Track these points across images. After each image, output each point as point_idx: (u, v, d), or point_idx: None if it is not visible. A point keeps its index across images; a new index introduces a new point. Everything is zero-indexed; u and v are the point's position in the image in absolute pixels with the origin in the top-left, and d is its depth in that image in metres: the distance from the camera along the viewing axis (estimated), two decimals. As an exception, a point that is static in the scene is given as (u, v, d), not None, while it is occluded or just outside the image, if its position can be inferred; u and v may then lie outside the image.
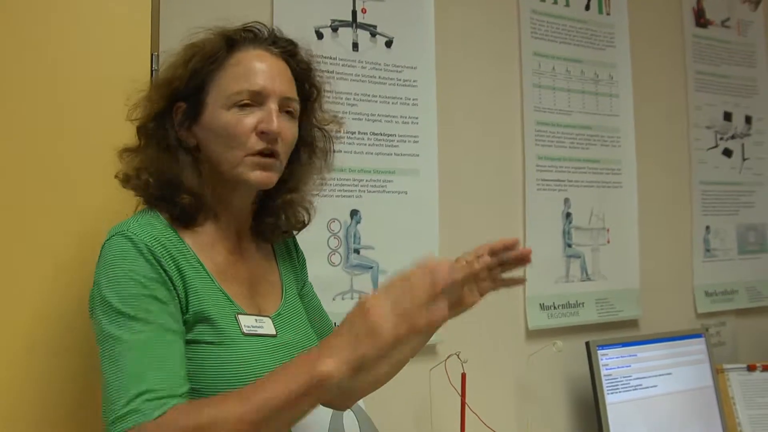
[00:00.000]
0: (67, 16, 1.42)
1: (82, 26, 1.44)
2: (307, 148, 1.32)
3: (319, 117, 1.33)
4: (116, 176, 1.24)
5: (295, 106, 1.25)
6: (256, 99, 1.19)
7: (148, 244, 1.12)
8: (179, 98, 1.21)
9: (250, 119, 1.18)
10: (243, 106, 1.19)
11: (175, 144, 1.21)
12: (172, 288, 1.12)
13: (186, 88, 1.20)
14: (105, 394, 1.06)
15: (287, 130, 1.22)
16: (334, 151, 1.36)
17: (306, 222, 1.38)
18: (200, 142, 1.22)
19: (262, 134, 1.18)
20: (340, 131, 1.39)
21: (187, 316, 1.14)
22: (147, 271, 1.10)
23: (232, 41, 1.22)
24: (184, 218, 1.20)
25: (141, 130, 1.23)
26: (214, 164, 1.21)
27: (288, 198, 1.31)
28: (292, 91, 1.24)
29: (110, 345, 1.07)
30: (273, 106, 1.19)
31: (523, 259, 1.26)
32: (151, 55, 1.52)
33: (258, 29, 1.25)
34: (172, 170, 1.19)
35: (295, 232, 1.42)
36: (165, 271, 1.12)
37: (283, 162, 1.24)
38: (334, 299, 1.84)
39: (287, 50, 1.26)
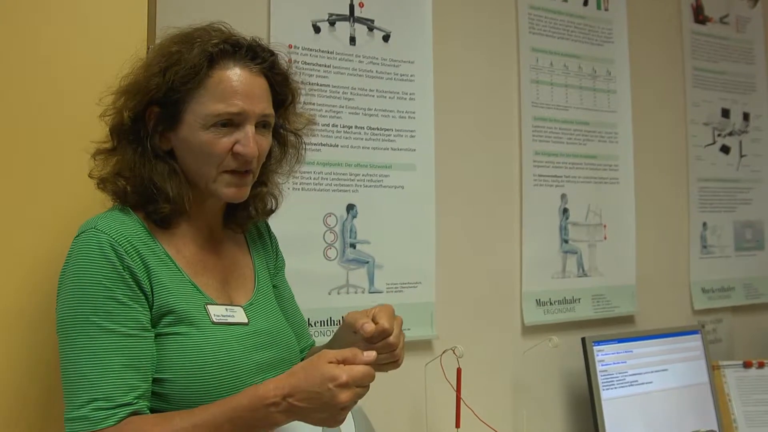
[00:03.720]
0: (63, 10, 1.42)
1: (78, 20, 1.43)
2: (279, 147, 1.35)
3: (293, 120, 1.35)
4: (90, 175, 1.25)
5: (271, 120, 1.27)
6: (234, 119, 1.21)
7: (114, 239, 1.14)
8: (153, 103, 1.21)
9: (227, 140, 1.21)
10: (221, 125, 1.20)
11: (151, 150, 1.22)
12: (136, 287, 1.14)
13: (163, 96, 1.20)
14: (63, 389, 1.11)
15: (261, 145, 1.25)
16: (305, 149, 1.39)
17: (274, 208, 1.41)
18: (175, 149, 1.24)
19: (237, 155, 1.21)
20: (313, 129, 1.41)
21: (154, 310, 1.16)
22: (108, 271, 1.12)
23: (212, 57, 1.21)
24: (160, 222, 1.23)
25: (114, 132, 1.23)
26: (189, 175, 1.24)
27: (257, 191, 1.34)
28: (269, 107, 1.26)
29: (67, 346, 1.11)
30: (250, 128, 1.22)
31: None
32: (148, 47, 1.51)
33: (238, 41, 1.25)
34: (152, 179, 1.21)
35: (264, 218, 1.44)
36: (128, 266, 1.13)
37: (256, 174, 1.27)
38: (329, 293, 1.84)
39: (266, 63, 1.26)
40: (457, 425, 1.89)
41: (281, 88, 1.30)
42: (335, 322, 1.83)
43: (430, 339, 1.99)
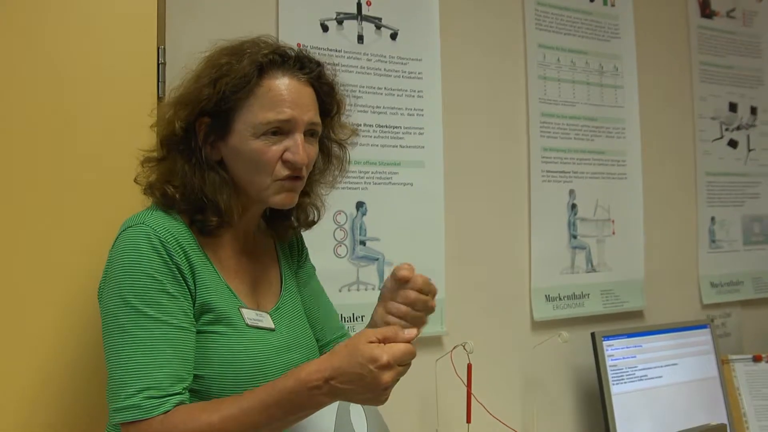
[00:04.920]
0: (72, 10, 1.43)
1: (88, 20, 1.45)
2: (324, 157, 1.36)
3: (338, 130, 1.37)
4: (136, 181, 1.27)
5: (318, 129, 1.29)
6: (283, 127, 1.22)
7: (162, 236, 1.16)
8: (204, 113, 1.23)
9: (277, 147, 1.22)
10: (271, 133, 1.22)
11: (202, 160, 1.23)
12: (182, 280, 1.16)
13: (214, 106, 1.22)
14: (109, 382, 1.12)
15: (310, 153, 1.26)
16: (349, 161, 1.40)
17: (316, 220, 1.42)
18: (225, 159, 1.25)
19: (287, 162, 1.23)
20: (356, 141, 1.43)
21: (196, 306, 1.18)
22: (159, 265, 1.14)
23: (262, 67, 1.23)
24: (205, 231, 1.24)
25: (165, 142, 1.25)
26: (240, 184, 1.25)
27: (300, 201, 1.34)
28: (316, 116, 1.28)
29: (117, 336, 1.12)
30: (300, 136, 1.23)
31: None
32: (158, 48, 1.52)
33: (286, 52, 1.27)
34: (203, 189, 1.22)
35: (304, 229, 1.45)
36: (176, 263, 1.16)
37: (305, 180, 1.29)
38: (340, 291, 1.85)
39: (313, 73, 1.28)
40: (468, 420, 1.90)
41: (328, 98, 1.32)
42: (346, 319, 1.84)
43: (440, 335, 1.99)
